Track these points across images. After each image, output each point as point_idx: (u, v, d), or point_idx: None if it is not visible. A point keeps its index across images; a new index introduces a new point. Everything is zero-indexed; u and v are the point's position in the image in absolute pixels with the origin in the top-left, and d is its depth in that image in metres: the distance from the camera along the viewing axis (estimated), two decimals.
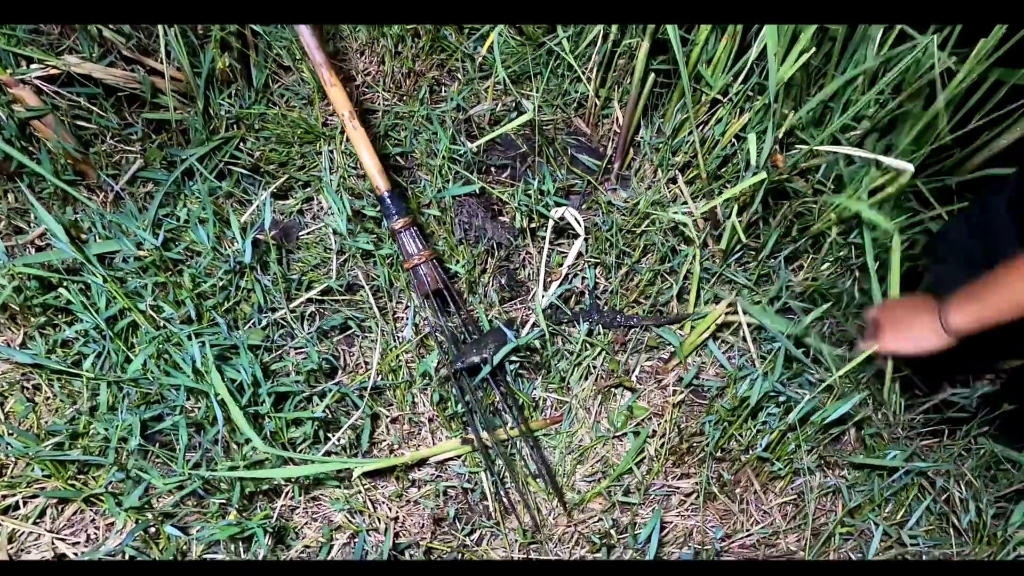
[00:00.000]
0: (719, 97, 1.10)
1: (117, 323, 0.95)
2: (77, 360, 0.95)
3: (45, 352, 0.93)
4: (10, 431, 0.91)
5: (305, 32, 0.96)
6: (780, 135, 1.03)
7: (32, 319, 0.94)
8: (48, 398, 0.95)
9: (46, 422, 0.94)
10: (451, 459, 1.04)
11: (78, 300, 0.92)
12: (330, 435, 1.00)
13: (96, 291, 0.93)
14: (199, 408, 0.95)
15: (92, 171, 1.04)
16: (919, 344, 0.91)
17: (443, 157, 1.12)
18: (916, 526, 0.89)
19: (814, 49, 0.93)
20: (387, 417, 1.06)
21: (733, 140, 1.11)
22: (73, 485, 0.90)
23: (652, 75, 1.09)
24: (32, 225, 1.02)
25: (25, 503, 0.90)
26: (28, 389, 0.96)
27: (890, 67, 0.99)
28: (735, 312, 1.06)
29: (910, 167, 0.88)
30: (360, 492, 0.99)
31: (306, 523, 0.98)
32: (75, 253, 0.89)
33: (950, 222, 1.17)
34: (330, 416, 0.99)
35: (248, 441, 0.93)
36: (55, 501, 0.91)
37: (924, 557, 0.93)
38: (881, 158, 0.88)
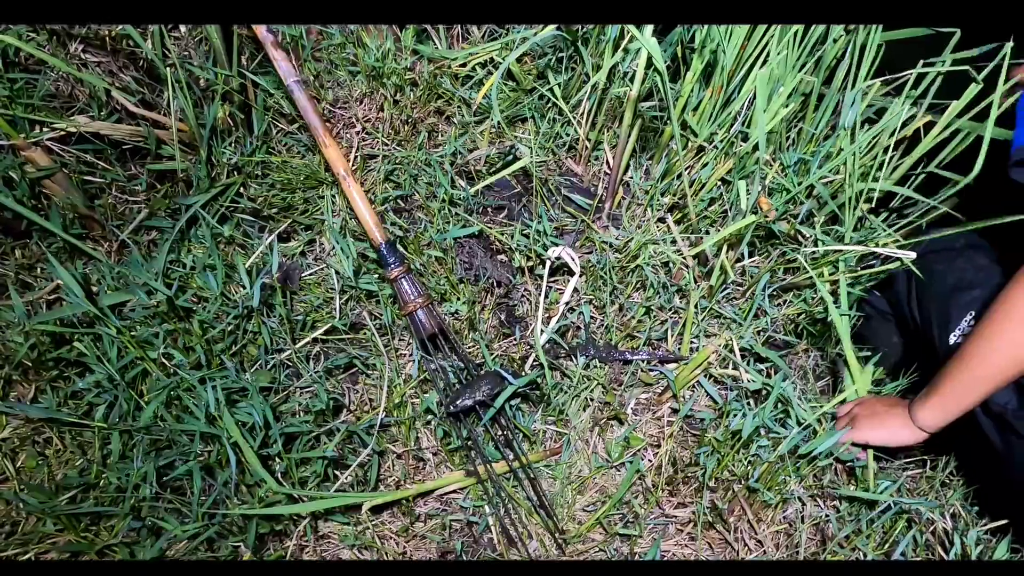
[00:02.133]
0: (704, 144, 1.16)
1: (128, 372, 0.96)
2: (87, 411, 0.96)
3: (56, 405, 0.95)
4: (22, 487, 0.92)
5: (302, 97, 1.00)
6: (766, 182, 1.09)
7: (44, 373, 0.95)
8: (59, 451, 0.96)
9: (57, 475, 0.95)
10: (456, 493, 1.07)
11: (92, 352, 0.94)
12: (338, 473, 1.03)
13: (108, 342, 0.95)
14: (209, 452, 0.97)
15: (98, 223, 1.06)
16: (894, 436, 0.95)
17: (443, 201, 1.16)
18: (903, 557, 0.94)
19: (791, 105, 0.98)
20: (393, 454, 1.09)
21: (719, 183, 1.17)
22: (85, 537, 0.91)
23: (640, 119, 1.15)
24: (39, 280, 1.03)
25: (37, 559, 0.90)
26: (39, 443, 0.97)
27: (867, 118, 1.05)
28: (727, 346, 1.12)
29: (912, 254, 0.93)
30: (368, 528, 1.02)
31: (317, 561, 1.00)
32: (90, 306, 0.90)
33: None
34: (338, 454, 1.02)
35: (261, 483, 0.96)
36: (67, 556, 0.91)
37: None
38: (880, 250, 0.93)
